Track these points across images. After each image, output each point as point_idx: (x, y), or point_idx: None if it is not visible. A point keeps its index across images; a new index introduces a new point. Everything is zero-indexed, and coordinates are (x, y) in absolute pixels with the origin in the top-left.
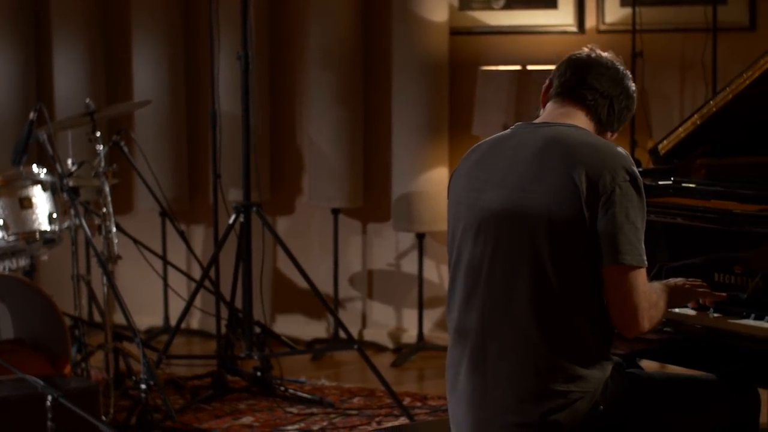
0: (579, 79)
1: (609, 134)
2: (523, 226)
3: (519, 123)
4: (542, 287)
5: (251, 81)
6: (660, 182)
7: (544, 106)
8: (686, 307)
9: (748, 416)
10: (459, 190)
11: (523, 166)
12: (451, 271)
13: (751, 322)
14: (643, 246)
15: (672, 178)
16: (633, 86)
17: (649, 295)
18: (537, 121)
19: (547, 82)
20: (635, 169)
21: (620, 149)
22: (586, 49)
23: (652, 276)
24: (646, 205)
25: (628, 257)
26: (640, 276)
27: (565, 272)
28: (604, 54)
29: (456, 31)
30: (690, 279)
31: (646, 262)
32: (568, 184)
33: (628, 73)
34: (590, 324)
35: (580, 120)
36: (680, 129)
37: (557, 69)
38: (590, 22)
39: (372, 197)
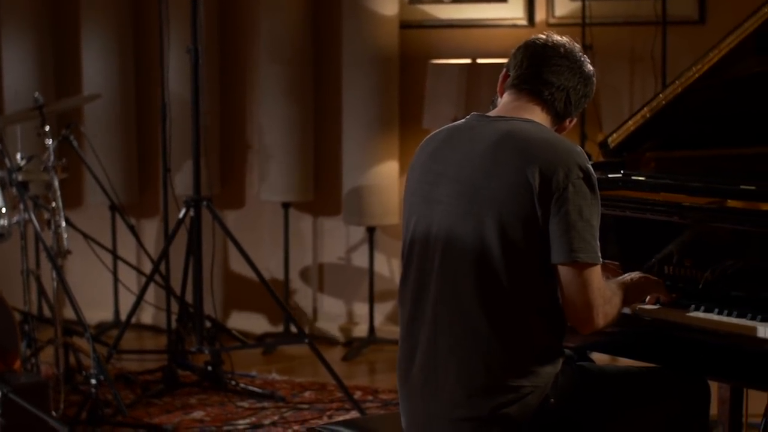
0: (535, 73)
1: (568, 121)
2: (475, 222)
3: (474, 113)
4: (492, 283)
5: (201, 75)
6: (610, 175)
7: (501, 95)
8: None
9: (699, 408)
10: (413, 182)
11: (477, 160)
12: (404, 265)
13: (701, 314)
14: (598, 243)
15: (622, 171)
16: (590, 69)
17: (604, 292)
18: (493, 113)
19: (504, 70)
20: (589, 165)
21: (575, 146)
22: (542, 36)
23: (645, 269)
24: (600, 202)
25: (582, 255)
26: (595, 273)
27: (515, 269)
28: (561, 40)
29: (406, 25)
30: (644, 274)
31: (600, 259)
32: (522, 181)
33: (585, 57)
34: (541, 320)
35: (536, 114)
36: (630, 122)
37: (514, 57)
38: (540, 15)
39: (322, 191)
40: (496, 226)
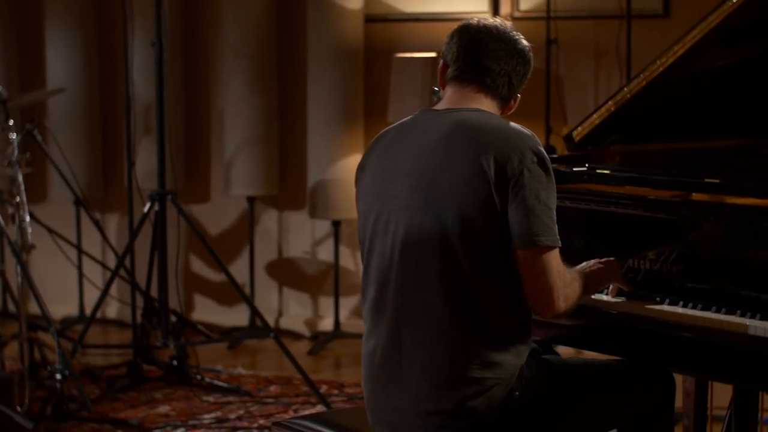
0: (474, 62)
1: (513, 101)
2: (433, 215)
3: (422, 109)
4: (454, 275)
5: (165, 69)
6: (574, 169)
7: (443, 87)
8: (602, 293)
9: (664, 400)
10: (367, 180)
11: (430, 154)
12: (364, 262)
13: (666, 307)
14: (556, 225)
15: (586, 165)
16: (525, 46)
17: (564, 275)
18: (440, 106)
19: (441, 63)
20: (542, 149)
21: (526, 130)
22: (473, 22)
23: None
24: (555, 184)
25: (543, 238)
26: (554, 256)
27: (477, 259)
28: (492, 23)
29: (371, 18)
30: (603, 259)
31: (559, 242)
32: (477, 170)
33: (518, 35)
34: (504, 310)
35: (483, 102)
36: (595, 115)
37: (448, 47)
38: (505, 8)
39: (288, 185)
40: (454, 217)
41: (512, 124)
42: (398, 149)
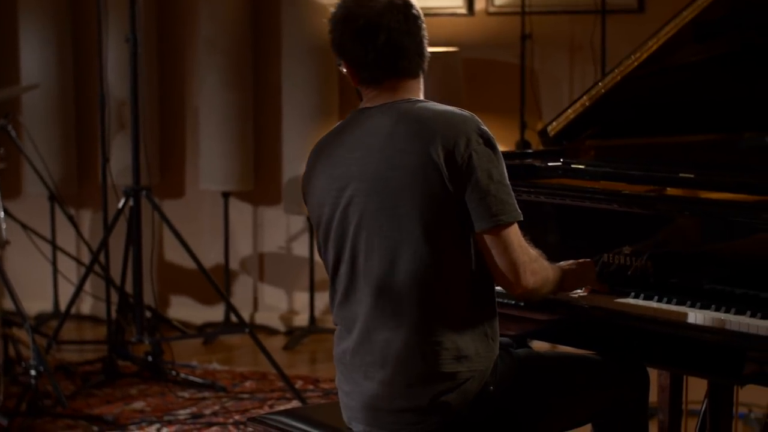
0: (381, 60)
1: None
2: (392, 214)
3: (353, 110)
4: (419, 270)
5: (140, 64)
6: (549, 163)
7: (359, 86)
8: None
9: (638, 395)
10: (318, 192)
11: (378, 154)
12: (330, 272)
13: (640, 302)
14: (514, 198)
15: (561, 160)
16: (398, 4)
17: (527, 249)
18: (372, 104)
19: (345, 69)
20: (484, 127)
21: (465, 112)
22: (352, 16)
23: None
24: (503, 158)
25: (503, 217)
26: (514, 231)
27: (441, 251)
28: (361, 9)
29: None
30: (579, 261)
31: (520, 215)
32: (427, 162)
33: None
34: (472, 301)
35: (410, 88)
36: (569, 110)
37: (342, 53)
38: (479, 4)
39: (263, 180)
40: (413, 213)
41: (450, 108)
42: (345, 156)
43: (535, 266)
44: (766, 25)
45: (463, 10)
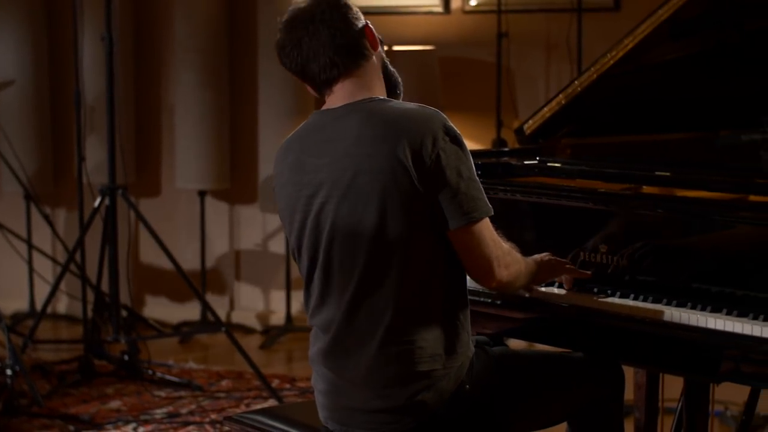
0: (335, 55)
1: (371, 42)
2: (363, 218)
3: (315, 112)
4: (393, 272)
5: (116, 63)
6: (525, 162)
7: (318, 94)
8: (553, 285)
9: (614, 393)
10: (287, 198)
11: (346, 159)
12: (305, 278)
13: (616, 300)
14: (484, 194)
15: (537, 158)
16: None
17: (500, 243)
18: (334, 105)
19: (295, 70)
20: (450, 123)
21: (430, 109)
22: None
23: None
24: (470, 154)
25: (474, 214)
26: (485, 226)
27: (413, 252)
28: (304, 13)
29: None
30: (554, 257)
31: (491, 210)
32: (395, 165)
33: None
34: (445, 300)
35: (368, 85)
36: (545, 109)
37: (299, 58)
38: (456, 2)
39: (239, 179)
40: (384, 216)
41: (414, 106)
42: (312, 162)
43: (508, 259)
44: (741, 23)
45: (440, 9)
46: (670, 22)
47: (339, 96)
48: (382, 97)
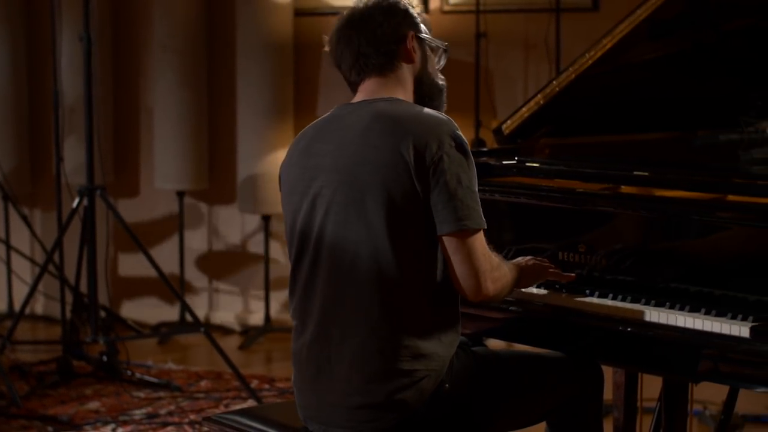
0: (367, 60)
1: (408, 50)
2: (359, 209)
3: (338, 105)
4: (382, 267)
5: (94, 63)
6: (504, 162)
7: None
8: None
9: (592, 392)
10: (291, 180)
11: (351, 148)
12: (293, 261)
13: (595, 300)
14: (480, 207)
15: (516, 158)
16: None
17: (490, 257)
18: (355, 99)
19: (335, 64)
20: (459, 133)
21: (442, 116)
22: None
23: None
24: (475, 166)
25: (468, 222)
26: (479, 239)
27: (404, 249)
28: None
29: (300, 12)
30: (538, 258)
31: (485, 224)
32: (398, 160)
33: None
34: (432, 300)
35: (387, 86)
36: (524, 109)
37: (338, 54)
38: (434, 2)
39: (217, 179)
40: (379, 209)
41: (428, 110)
42: (319, 147)
43: (496, 274)
44: (719, 24)
45: (418, 9)
46: (648, 22)
47: (360, 94)
48: (399, 98)
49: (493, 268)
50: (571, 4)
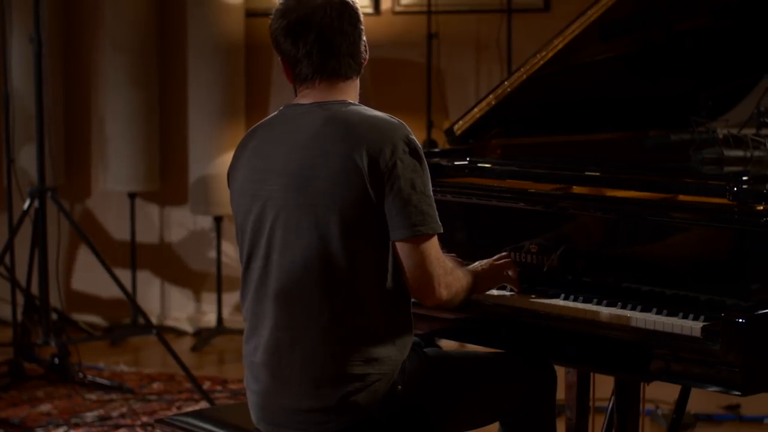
0: (313, 56)
1: (364, 62)
2: (310, 213)
3: (286, 104)
4: (333, 272)
5: (45, 64)
6: (456, 162)
7: (293, 84)
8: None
9: (545, 392)
10: (240, 182)
11: (303, 152)
12: (243, 264)
13: (547, 300)
14: (436, 211)
15: (468, 158)
16: (349, 5)
17: (443, 262)
18: (305, 100)
19: (281, 62)
20: (413, 137)
21: (395, 120)
22: (279, 8)
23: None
24: (429, 170)
25: (422, 228)
26: (432, 244)
27: (355, 255)
28: (304, 3)
29: (252, 13)
30: (496, 256)
31: (440, 228)
32: (350, 166)
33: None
34: (385, 305)
35: (342, 89)
36: (476, 109)
37: (281, 47)
38: (386, 3)
39: (169, 181)
40: (331, 214)
41: (381, 114)
42: (270, 149)
43: (449, 279)
44: (670, 24)
45: (370, 10)
46: (599, 23)
47: (312, 95)
48: (351, 101)
49: (447, 273)
50: (522, 5)
